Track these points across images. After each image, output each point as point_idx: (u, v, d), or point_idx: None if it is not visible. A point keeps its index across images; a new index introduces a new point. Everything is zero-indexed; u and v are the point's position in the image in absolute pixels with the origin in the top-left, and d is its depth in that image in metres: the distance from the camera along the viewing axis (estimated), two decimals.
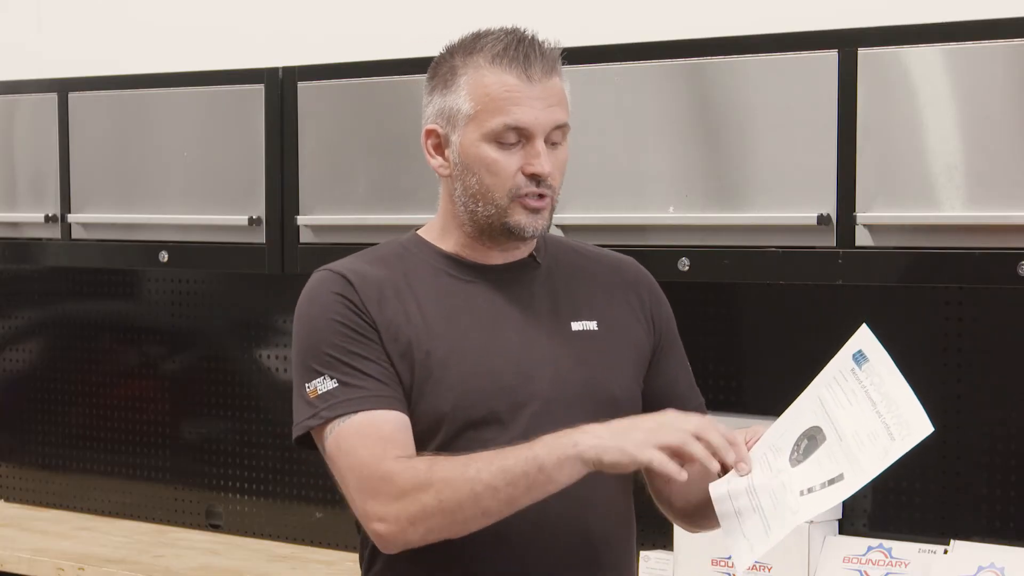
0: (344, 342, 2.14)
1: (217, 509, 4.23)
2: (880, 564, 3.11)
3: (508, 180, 2.15)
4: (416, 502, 2.05)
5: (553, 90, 2.16)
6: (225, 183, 3.72)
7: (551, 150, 2.16)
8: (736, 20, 3.16)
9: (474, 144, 2.16)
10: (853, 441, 1.96)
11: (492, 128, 2.14)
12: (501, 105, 2.13)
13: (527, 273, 2.25)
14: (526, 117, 2.13)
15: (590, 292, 2.28)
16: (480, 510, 2.04)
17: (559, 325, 2.23)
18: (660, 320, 2.32)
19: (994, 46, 2.73)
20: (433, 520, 2.05)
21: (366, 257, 2.25)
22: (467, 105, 2.16)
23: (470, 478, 2.02)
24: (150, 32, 4.22)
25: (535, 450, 2.01)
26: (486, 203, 2.17)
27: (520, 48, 2.14)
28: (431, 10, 3.70)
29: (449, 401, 2.13)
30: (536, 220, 2.17)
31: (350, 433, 2.11)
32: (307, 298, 2.21)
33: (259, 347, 4.13)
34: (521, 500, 2.03)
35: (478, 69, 2.15)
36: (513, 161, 2.15)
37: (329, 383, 2.13)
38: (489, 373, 2.15)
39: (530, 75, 2.14)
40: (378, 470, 2.07)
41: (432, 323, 2.17)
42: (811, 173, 2.91)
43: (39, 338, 4.59)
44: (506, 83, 2.14)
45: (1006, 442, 3.09)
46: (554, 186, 2.17)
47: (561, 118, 2.16)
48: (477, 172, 2.16)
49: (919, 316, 3.16)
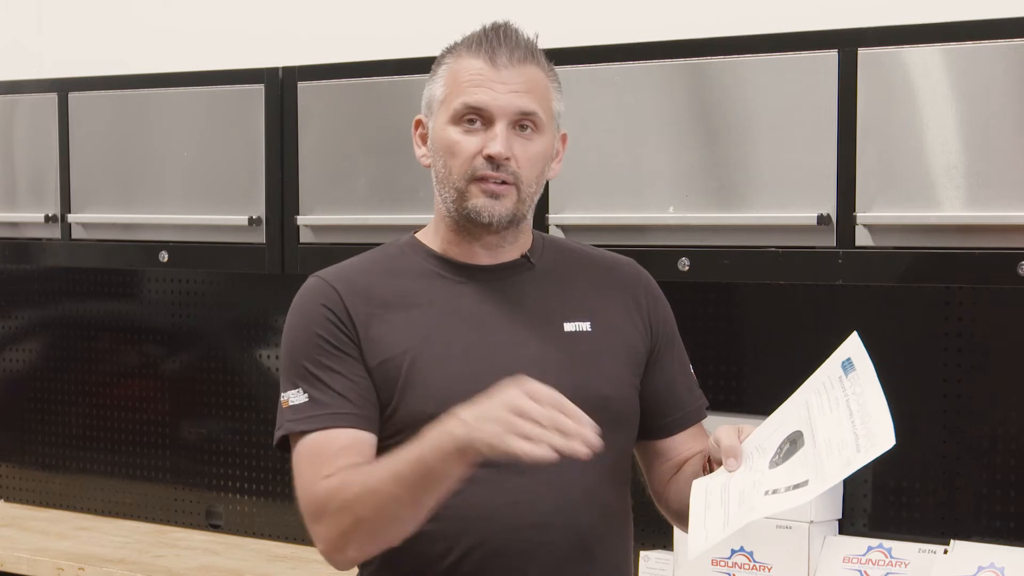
0: (320, 356, 2.17)
1: (217, 509, 4.23)
2: (880, 564, 3.11)
3: (467, 162, 2.16)
4: (337, 523, 2.10)
5: (522, 78, 2.17)
6: (225, 183, 3.72)
7: (519, 139, 2.16)
8: (736, 20, 3.16)
9: (441, 128, 2.19)
10: (824, 449, 1.98)
11: (455, 109, 2.17)
12: (464, 87, 2.17)
13: (519, 274, 2.25)
14: (484, 97, 2.15)
15: (585, 293, 2.27)
16: (391, 518, 2.06)
17: (551, 326, 2.22)
18: (658, 322, 2.32)
19: (994, 46, 2.73)
20: (357, 536, 2.09)
21: (360, 262, 2.27)
22: (440, 91, 2.20)
23: (372, 490, 2.05)
24: (150, 32, 4.22)
25: (421, 449, 2.00)
26: (448, 186, 2.19)
27: (493, 35, 2.18)
28: (431, 10, 3.70)
29: (434, 403, 2.13)
30: (495, 205, 2.16)
31: (302, 455, 2.16)
32: (296, 307, 2.24)
33: (259, 347, 4.13)
34: (425, 501, 2.03)
35: (457, 58, 2.20)
36: (473, 142, 2.16)
37: (301, 397, 2.18)
38: (475, 375, 2.14)
39: (495, 60, 2.16)
40: (310, 493, 2.13)
41: (420, 326, 2.18)
42: (811, 173, 2.91)
43: (39, 338, 4.59)
44: (472, 67, 2.17)
45: (1006, 442, 3.09)
46: (520, 175, 2.16)
47: (526, 106, 2.16)
48: (443, 155, 2.19)
49: (919, 316, 3.16)
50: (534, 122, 2.17)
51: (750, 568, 3.19)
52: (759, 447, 2.07)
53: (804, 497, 1.96)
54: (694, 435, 2.32)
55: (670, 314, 2.35)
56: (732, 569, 3.21)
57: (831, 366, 2.06)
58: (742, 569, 3.20)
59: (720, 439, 2.10)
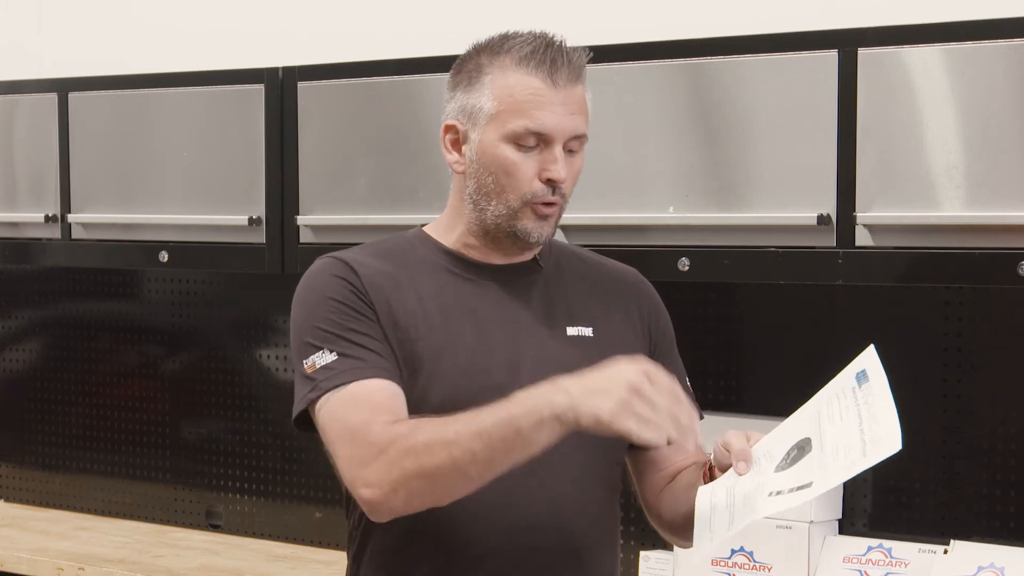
0: (343, 319, 2.14)
1: (217, 509, 4.23)
2: (880, 564, 3.11)
3: (524, 184, 2.15)
4: (398, 467, 2.01)
5: (576, 98, 2.15)
6: (225, 183, 3.72)
7: (567, 157, 2.16)
8: (736, 20, 3.16)
9: (493, 144, 2.15)
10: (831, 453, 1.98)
11: (513, 130, 2.13)
12: (524, 108, 2.13)
13: (527, 276, 2.25)
14: (548, 122, 2.13)
15: (588, 299, 2.28)
16: (460, 474, 1.99)
17: (554, 329, 2.23)
18: (657, 332, 2.32)
19: (994, 46, 2.73)
20: (415, 484, 2.01)
21: (368, 249, 2.25)
22: (490, 104, 2.15)
23: (448, 441, 1.98)
24: (150, 32, 4.22)
25: (512, 411, 1.95)
26: (498, 203, 2.17)
27: (548, 52, 2.14)
28: (431, 10, 3.70)
29: (438, 395, 2.13)
30: (543, 227, 2.17)
31: (344, 401, 2.09)
32: (307, 281, 2.20)
33: (259, 347, 4.13)
34: (501, 463, 1.98)
35: (504, 70, 2.15)
36: (531, 165, 2.14)
37: (328, 356, 2.12)
38: (480, 370, 2.15)
39: (555, 80, 2.13)
40: (366, 436, 2.05)
41: (427, 318, 2.18)
42: (811, 173, 2.91)
43: (39, 338, 4.59)
44: (531, 86, 2.13)
45: (1006, 442, 3.09)
46: (566, 194, 2.17)
47: (581, 128, 2.16)
48: (494, 172, 2.16)
49: (919, 316, 3.16)
50: (581, 142, 2.18)
51: (750, 568, 3.19)
52: (767, 453, 2.07)
53: (806, 497, 1.97)
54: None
55: (670, 325, 2.35)
56: (732, 569, 3.21)
57: (845, 377, 2.07)
58: (742, 569, 3.20)
59: (730, 443, 2.08)
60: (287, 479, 4.08)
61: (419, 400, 2.14)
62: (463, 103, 2.19)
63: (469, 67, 2.19)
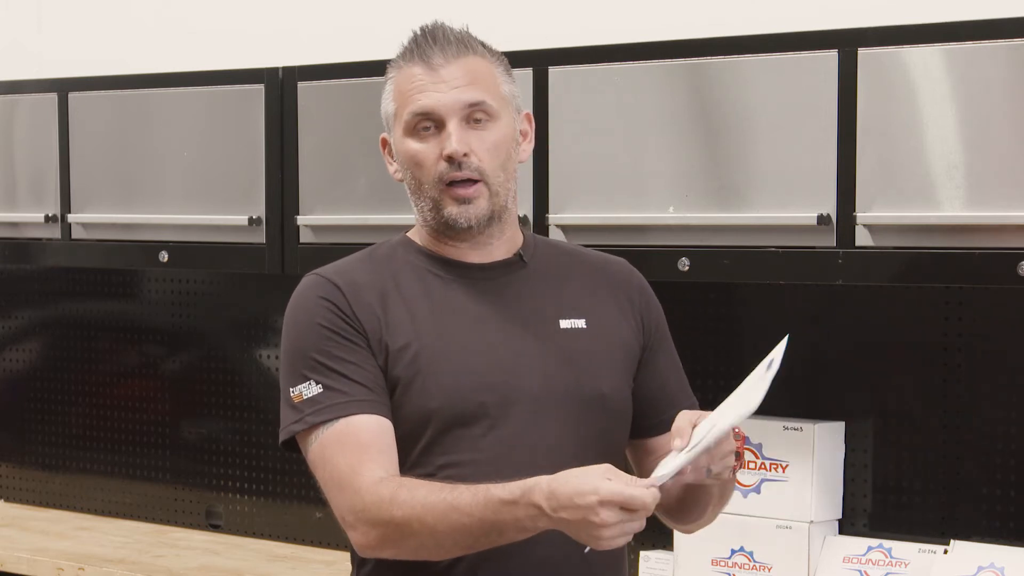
0: (329, 346, 2.16)
1: (217, 509, 4.23)
2: (880, 564, 3.11)
3: (431, 169, 2.17)
4: (378, 530, 2.09)
5: (462, 71, 2.17)
6: (225, 183, 3.72)
7: (474, 132, 2.17)
8: (736, 20, 3.16)
9: (400, 141, 2.20)
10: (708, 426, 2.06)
11: (406, 120, 2.18)
12: (409, 97, 2.18)
13: (512, 272, 2.26)
14: (427, 101, 2.16)
15: (579, 291, 2.28)
16: (444, 552, 2.09)
17: (546, 323, 2.23)
18: (650, 320, 2.33)
19: (994, 46, 2.72)
20: (401, 549, 2.10)
21: (355, 260, 2.27)
22: (391, 106, 2.22)
23: (427, 525, 2.05)
24: (150, 32, 4.22)
25: (499, 516, 2.01)
26: (421, 198, 2.21)
27: (423, 39, 2.20)
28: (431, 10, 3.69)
29: (436, 399, 2.14)
30: (468, 210, 2.18)
31: (331, 442, 2.14)
32: (295, 303, 2.23)
33: (259, 347, 4.13)
34: (478, 549, 2.08)
35: (398, 70, 2.22)
36: (432, 149, 2.17)
37: (314, 388, 2.16)
38: (475, 370, 2.16)
39: (431, 63, 2.17)
40: (352, 483, 2.11)
41: (418, 323, 2.18)
42: (811, 173, 2.90)
43: (39, 338, 4.59)
44: (412, 75, 2.19)
45: (1006, 442, 3.09)
46: (483, 168, 2.17)
47: (472, 97, 2.17)
48: (410, 168, 2.20)
49: (919, 316, 3.16)
50: (486, 111, 2.18)
51: (750, 568, 3.19)
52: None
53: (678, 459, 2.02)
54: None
55: (662, 314, 2.36)
56: (732, 569, 3.21)
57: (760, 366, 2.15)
58: (742, 569, 3.20)
59: (676, 420, 2.10)
60: (287, 479, 4.08)
61: (417, 405, 2.15)
62: (383, 114, 2.25)
63: (385, 81, 2.25)
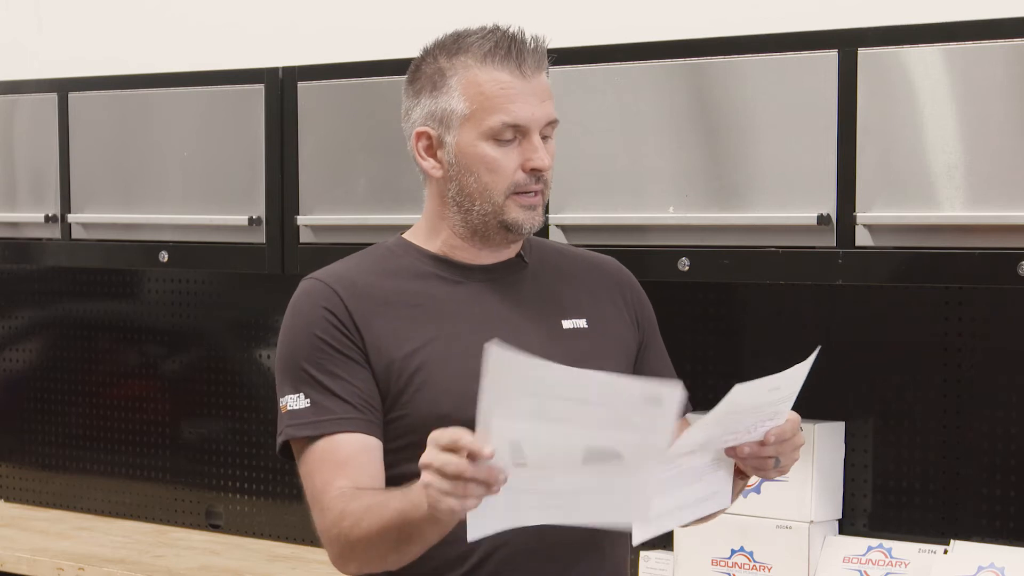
0: (323, 359, 2.17)
1: (217, 509, 4.23)
2: (880, 564, 3.11)
3: (508, 177, 2.16)
4: (337, 545, 2.12)
5: (544, 84, 2.18)
6: (225, 183, 3.72)
7: (544, 144, 2.18)
8: (736, 20, 3.16)
9: (472, 144, 2.17)
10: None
11: (491, 126, 2.15)
12: (497, 103, 2.14)
13: (515, 273, 2.26)
14: (523, 113, 2.14)
15: (576, 291, 2.29)
16: (379, 560, 2.10)
17: (550, 323, 2.24)
18: (644, 317, 2.34)
19: (994, 46, 2.73)
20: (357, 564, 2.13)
21: (353, 262, 2.26)
22: (461, 105, 2.16)
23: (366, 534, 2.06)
24: (150, 32, 4.22)
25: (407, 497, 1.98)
26: (483, 201, 2.18)
27: (511, 45, 2.16)
28: (432, 10, 3.70)
29: (448, 402, 2.13)
30: (533, 216, 2.19)
31: (313, 459, 2.16)
32: (294, 308, 2.22)
33: (259, 347, 4.13)
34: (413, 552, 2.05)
35: (468, 69, 2.16)
36: (512, 158, 2.16)
37: (301, 402, 2.17)
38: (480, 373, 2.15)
39: (523, 71, 2.15)
40: (320, 501, 2.14)
41: (423, 326, 2.18)
42: (811, 173, 2.90)
43: (39, 338, 4.59)
44: (500, 80, 2.15)
45: (1006, 442, 3.09)
46: (548, 181, 2.19)
47: (553, 113, 2.18)
48: (476, 171, 2.17)
49: (919, 316, 3.16)
50: (553, 126, 2.20)
51: (750, 568, 3.19)
52: None
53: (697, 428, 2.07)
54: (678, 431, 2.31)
55: (652, 311, 2.38)
56: (732, 569, 3.21)
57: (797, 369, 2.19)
58: (742, 569, 3.20)
59: None
60: (287, 479, 4.08)
61: (428, 410, 2.14)
62: (431, 108, 2.20)
63: (428, 71, 2.20)
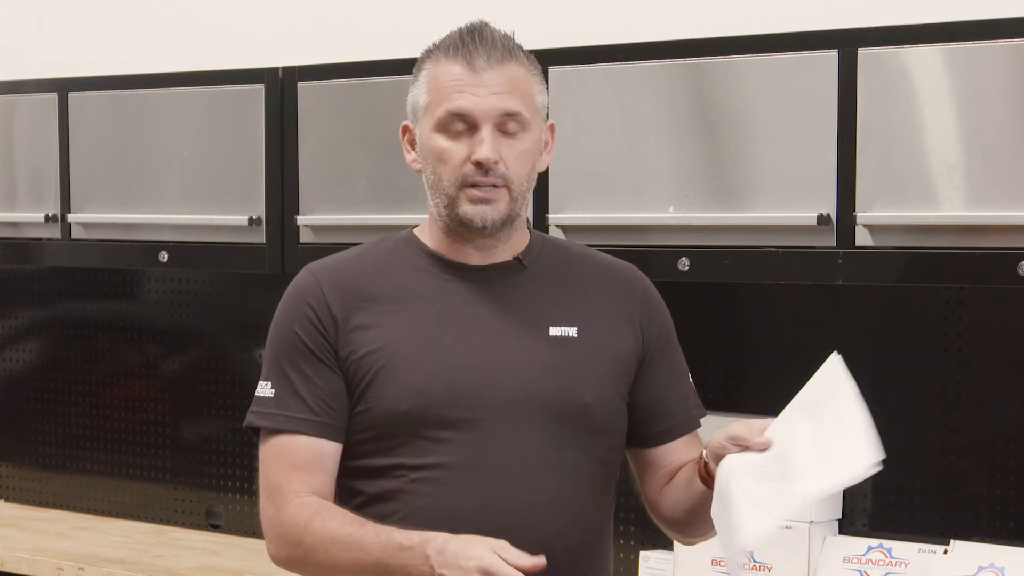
0: (296, 356, 2.21)
1: (217, 509, 4.23)
2: (880, 564, 3.11)
3: (456, 169, 2.17)
4: (289, 549, 2.17)
5: (503, 79, 2.16)
6: (225, 183, 3.72)
7: (506, 140, 2.16)
8: (736, 20, 3.16)
9: (428, 135, 2.19)
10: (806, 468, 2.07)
11: (439, 117, 2.17)
12: (446, 94, 2.17)
13: (510, 276, 2.24)
14: (466, 103, 2.15)
15: (576, 298, 2.26)
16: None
17: (536, 330, 2.21)
18: (652, 331, 2.30)
19: (994, 46, 2.73)
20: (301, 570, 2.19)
21: (352, 255, 2.28)
22: (423, 97, 2.20)
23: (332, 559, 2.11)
24: (150, 32, 4.22)
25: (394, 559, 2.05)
26: (439, 193, 2.20)
27: (468, 38, 2.18)
28: (432, 10, 3.70)
29: (406, 400, 2.15)
30: (487, 210, 2.17)
31: (271, 452, 2.21)
32: (285, 298, 2.28)
33: (259, 347, 4.12)
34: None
35: (436, 63, 2.20)
36: (460, 150, 2.16)
37: (267, 391, 2.23)
38: (448, 374, 2.16)
39: (474, 64, 2.16)
40: (276, 499, 2.18)
41: (402, 322, 2.19)
42: (811, 173, 2.91)
43: (39, 338, 4.59)
44: (451, 72, 2.17)
45: (1006, 442, 3.09)
46: (509, 176, 2.17)
47: (509, 107, 2.16)
48: (432, 163, 2.19)
49: (919, 316, 3.16)
50: (519, 121, 2.17)
51: (750, 568, 3.19)
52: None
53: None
54: (687, 444, 2.30)
55: (668, 323, 2.33)
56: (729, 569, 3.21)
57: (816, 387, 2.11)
58: (742, 569, 3.20)
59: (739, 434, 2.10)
60: None
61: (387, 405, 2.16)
62: (411, 102, 2.24)
63: (416, 67, 2.24)
